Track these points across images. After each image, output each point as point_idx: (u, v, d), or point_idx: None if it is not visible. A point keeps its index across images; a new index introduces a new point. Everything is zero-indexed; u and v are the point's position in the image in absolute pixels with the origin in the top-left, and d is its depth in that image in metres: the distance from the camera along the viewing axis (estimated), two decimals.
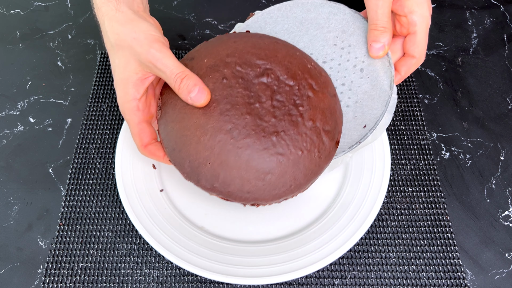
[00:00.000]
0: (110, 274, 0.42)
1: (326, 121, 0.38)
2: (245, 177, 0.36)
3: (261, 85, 0.38)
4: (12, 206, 0.46)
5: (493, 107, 0.53)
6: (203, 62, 0.39)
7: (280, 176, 0.36)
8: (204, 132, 0.36)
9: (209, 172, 0.36)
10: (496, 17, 0.61)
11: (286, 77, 0.38)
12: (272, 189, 0.37)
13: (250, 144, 0.36)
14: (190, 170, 0.37)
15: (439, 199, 0.46)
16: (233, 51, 0.39)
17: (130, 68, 0.37)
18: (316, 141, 0.37)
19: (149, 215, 0.42)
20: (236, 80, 0.37)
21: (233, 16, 0.61)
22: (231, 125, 0.36)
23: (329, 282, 0.42)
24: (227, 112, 0.36)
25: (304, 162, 0.37)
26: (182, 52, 0.57)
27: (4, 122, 0.51)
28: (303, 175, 0.37)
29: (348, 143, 0.41)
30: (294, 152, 0.36)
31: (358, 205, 0.42)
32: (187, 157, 0.37)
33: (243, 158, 0.36)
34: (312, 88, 0.38)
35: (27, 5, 0.62)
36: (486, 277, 0.42)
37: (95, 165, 0.48)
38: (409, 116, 0.52)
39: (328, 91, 0.40)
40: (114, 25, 0.37)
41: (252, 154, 0.36)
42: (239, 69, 0.38)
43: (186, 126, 0.37)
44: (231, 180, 0.36)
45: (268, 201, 0.37)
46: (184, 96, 0.36)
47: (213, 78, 0.37)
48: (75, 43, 0.58)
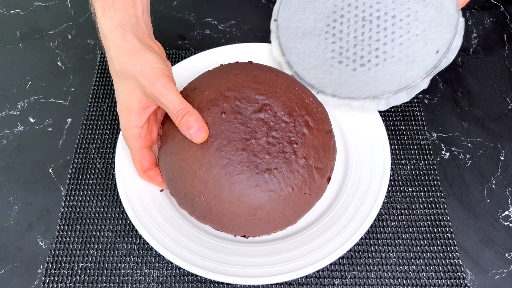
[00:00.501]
0: (110, 274, 0.42)
1: (319, 158, 0.40)
2: (237, 212, 0.38)
3: (258, 121, 0.39)
4: (12, 206, 0.46)
5: (493, 107, 0.53)
6: (204, 95, 0.40)
7: (270, 212, 0.38)
8: (200, 166, 0.38)
9: (203, 204, 0.38)
10: (496, 17, 0.61)
11: (283, 113, 0.40)
12: (262, 224, 0.38)
13: (243, 180, 0.37)
14: (185, 201, 0.39)
15: (439, 199, 0.46)
16: (233, 84, 0.41)
17: (134, 97, 0.38)
18: (307, 179, 0.39)
19: (149, 215, 0.42)
20: (234, 115, 0.39)
21: (233, 16, 0.61)
22: (227, 160, 0.37)
23: (329, 282, 0.42)
24: (223, 148, 0.37)
25: (294, 199, 0.38)
26: (182, 52, 0.57)
27: (4, 122, 0.51)
28: (292, 211, 0.39)
29: (423, 69, 0.44)
30: (285, 189, 0.38)
31: (358, 205, 0.42)
32: (183, 189, 0.38)
33: (236, 193, 0.37)
34: (308, 125, 0.40)
35: (27, 5, 0.62)
36: (486, 277, 0.42)
37: (95, 165, 0.48)
38: (409, 116, 0.52)
39: (323, 128, 0.42)
40: (120, 54, 0.38)
41: (245, 190, 0.37)
42: (238, 103, 0.39)
43: (184, 158, 0.38)
44: (223, 214, 0.38)
45: (257, 234, 0.40)
46: (183, 131, 0.37)
47: (212, 112, 0.39)
48: (75, 43, 0.58)
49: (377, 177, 0.44)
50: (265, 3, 0.63)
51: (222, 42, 0.59)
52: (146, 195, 0.43)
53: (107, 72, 0.55)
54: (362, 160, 0.45)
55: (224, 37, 0.59)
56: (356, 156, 0.46)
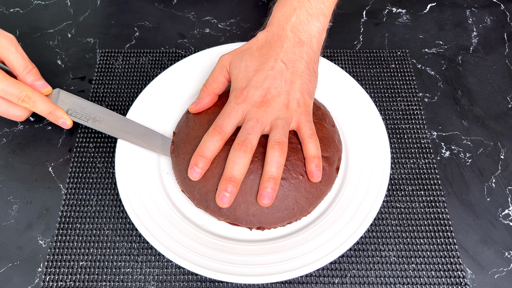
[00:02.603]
0: (110, 272, 0.42)
1: (325, 148, 0.42)
2: (250, 201, 0.39)
3: None
4: (12, 205, 0.46)
5: (493, 105, 0.53)
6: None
7: (283, 199, 0.39)
8: (212, 161, 0.39)
9: None
10: (496, 15, 0.61)
11: None
12: (276, 212, 0.39)
13: (254, 170, 0.39)
14: (199, 197, 0.40)
15: (439, 198, 0.46)
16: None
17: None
18: None
19: (149, 214, 0.42)
20: None
21: (233, 14, 0.61)
22: None
23: (329, 280, 0.42)
24: (232, 143, 0.39)
25: (305, 186, 0.40)
26: (182, 51, 0.57)
27: (4, 120, 0.51)
28: (305, 198, 0.40)
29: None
30: (295, 177, 0.40)
31: (358, 203, 0.42)
32: (196, 185, 0.40)
33: (248, 183, 0.39)
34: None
35: (27, 3, 0.62)
36: (486, 275, 0.42)
37: (95, 164, 0.48)
38: (409, 115, 0.52)
39: (326, 122, 0.44)
40: None
41: (256, 179, 0.39)
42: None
43: None
44: (237, 204, 0.39)
45: (272, 224, 0.40)
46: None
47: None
48: (75, 42, 0.58)
49: (377, 176, 0.44)
50: (265, 1, 0.63)
51: (222, 40, 0.59)
52: (146, 194, 0.43)
53: (107, 71, 0.55)
54: (362, 159, 0.45)
55: (224, 36, 0.59)
56: (356, 154, 0.46)
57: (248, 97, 0.40)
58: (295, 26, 0.42)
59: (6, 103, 0.45)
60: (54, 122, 0.46)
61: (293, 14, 0.42)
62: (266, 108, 0.40)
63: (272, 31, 0.42)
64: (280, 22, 0.42)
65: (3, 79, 0.43)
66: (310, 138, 0.40)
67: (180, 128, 0.44)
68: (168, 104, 0.49)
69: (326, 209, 0.43)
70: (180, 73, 0.51)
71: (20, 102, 0.44)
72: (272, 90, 0.40)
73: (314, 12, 0.42)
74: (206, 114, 0.43)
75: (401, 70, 0.55)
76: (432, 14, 0.61)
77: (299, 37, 0.42)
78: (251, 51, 0.42)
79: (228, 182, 0.37)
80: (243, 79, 0.41)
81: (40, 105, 0.45)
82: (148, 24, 0.60)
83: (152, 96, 0.49)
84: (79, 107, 0.48)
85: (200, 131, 0.42)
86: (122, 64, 0.56)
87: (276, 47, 0.41)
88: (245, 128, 0.39)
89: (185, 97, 0.50)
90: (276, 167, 0.38)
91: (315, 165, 0.39)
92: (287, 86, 0.41)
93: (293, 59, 0.41)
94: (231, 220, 0.40)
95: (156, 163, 0.46)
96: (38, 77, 0.47)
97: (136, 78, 0.55)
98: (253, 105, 0.40)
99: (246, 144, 0.38)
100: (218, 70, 0.44)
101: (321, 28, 0.43)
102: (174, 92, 0.50)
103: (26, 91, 0.44)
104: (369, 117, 0.48)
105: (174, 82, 0.51)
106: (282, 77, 0.41)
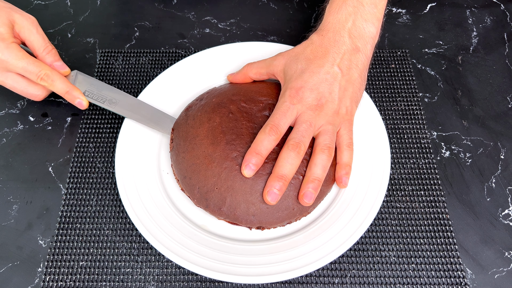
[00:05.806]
0: (110, 272, 0.42)
1: None
2: (250, 200, 0.39)
3: (263, 118, 0.42)
4: (12, 205, 0.46)
5: (493, 105, 0.53)
6: (211, 101, 0.44)
7: (283, 199, 0.39)
8: (212, 160, 0.40)
9: (217, 196, 0.40)
10: (496, 15, 0.61)
11: None
12: (276, 212, 0.40)
13: None
14: (199, 196, 0.40)
15: (439, 198, 0.46)
16: (238, 91, 0.45)
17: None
18: None
19: (149, 214, 0.42)
20: (241, 114, 0.42)
21: (233, 14, 0.61)
22: (236, 153, 0.40)
23: (329, 280, 0.42)
24: (233, 142, 0.40)
25: None
26: (182, 51, 0.57)
27: (4, 120, 0.51)
28: None
29: None
30: (296, 177, 0.40)
31: (358, 203, 0.42)
32: (196, 184, 0.40)
33: (248, 182, 0.39)
34: None
35: (27, 3, 0.62)
36: (486, 275, 0.42)
37: (95, 164, 0.48)
38: (409, 115, 0.52)
39: None
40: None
41: (256, 178, 0.39)
42: (244, 105, 0.43)
43: (196, 155, 0.41)
44: (237, 204, 0.39)
45: (272, 224, 0.40)
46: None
47: (220, 113, 0.42)
48: (75, 42, 0.58)
49: (377, 176, 0.44)
50: (265, 1, 0.63)
51: (222, 40, 0.59)
52: (146, 193, 0.43)
53: (107, 71, 0.55)
54: (362, 158, 0.45)
55: (224, 36, 0.59)
56: (356, 154, 0.46)
57: (303, 99, 0.41)
58: (351, 32, 0.42)
59: (26, 82, 0.46)
60: (71, 102, 0.47)
61: (349, 20, 0.43)
62: (320, 112, 0.41)
63: (328, 36, 0.43)
64: (336, 27, 0.43)
65: (24, 57, 0.44)
66: (348, 146, 0.42)
67: (179, 125, 0.44)
68: (168, 104, 0.49)
69: (326, 209, 0.43)
70: (180, 73, 0.51)
71: (39, 80, 0.45)
72: (327, 95, 0.41)
73: (369, 17, 0.43)
74: (206, 113, 0.43)
75: (401, 70, 0.55)
76: (432, 14, 0.61)
77: (355, 43, 0.42)
78: (306, 54, 0.43)
79: (279, 180, 0.38)
80: (297, 80, 0.42)
81: (58, 84, 0.46)
82: (148, 24, 0.60)
83: (152, 96, 0.49)
84: (96, 89, 0.49)
85: (200, 129, 0.42)
86: (122, 64, 0.56)
87: (332, 52, 0.42)
88: (299, 130, 0.40)
89: (185, 97, 0.50)
90: (322, 170, 0.39)
91: (345, 172, 0.41)
92: (341, 93, 0.41)
93: (348, 66, 0.42)
94: (231, 220, 0.40)
95: (156, 163, 0.46)
96: (57, 58, 0.48)
97: (136, 78, 0.55)
98: (308, 107, 0.41)
99: (300, 146, 0.39)
100: (266, 66, 0.46)
101: (375, 33, 0.44)
102: (174, 92, 0.50)
103: (45, 70, 0.45)
104: (369, 117, 0.48)
105: (174, 82, 0.51)
106: (337, 83, 0.41)
